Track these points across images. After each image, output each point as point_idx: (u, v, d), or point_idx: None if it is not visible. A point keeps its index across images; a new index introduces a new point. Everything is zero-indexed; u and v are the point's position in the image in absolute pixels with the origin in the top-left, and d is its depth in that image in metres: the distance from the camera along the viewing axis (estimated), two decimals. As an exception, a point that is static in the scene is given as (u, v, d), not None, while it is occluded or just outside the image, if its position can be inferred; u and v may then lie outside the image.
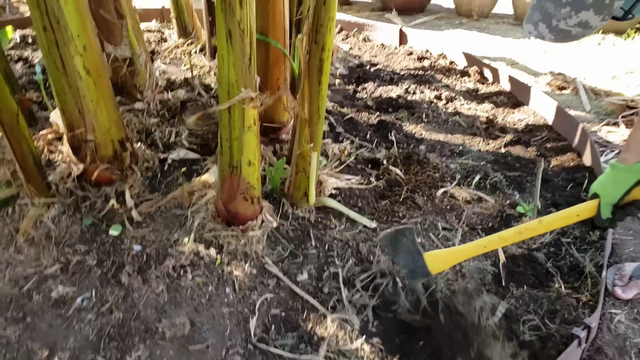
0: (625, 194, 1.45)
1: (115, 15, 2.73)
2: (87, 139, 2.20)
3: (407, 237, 1.74)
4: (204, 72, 3.67)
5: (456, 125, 3.24)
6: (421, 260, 1.71)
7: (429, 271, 1.72)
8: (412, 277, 1.75)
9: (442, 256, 1.74)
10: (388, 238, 1.78)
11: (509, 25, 5.17)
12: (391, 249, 1.80)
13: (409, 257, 1.74)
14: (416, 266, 1.72)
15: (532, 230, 1.61)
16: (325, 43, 1.79)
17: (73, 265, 1.97)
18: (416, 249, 1.72)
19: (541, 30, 1.12)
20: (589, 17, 1.03)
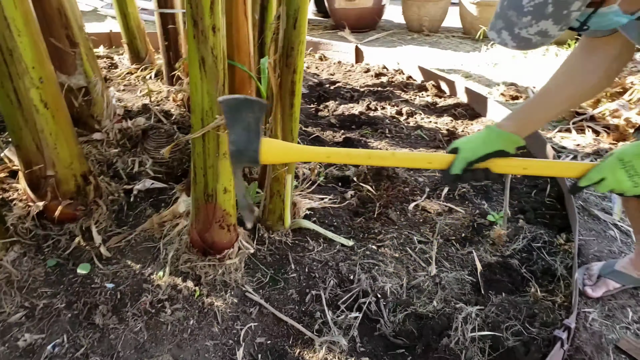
0: (485, 156, 1.40)
1: (67, 43, 2.64)
2: (46, 175, 2.10)
3: (254, 112, 1.39)
4: (162, 97, 3.59)
5: (419, 139, 3.29)
6: (256, 144, 1.40)
7: (258, 158, 1.42)
8: (237, 159, 1.44)
9: (279, 148, 1.48)
10: (231, 103, 1.40)
11: (458, 39, 5.35)
12: (230, 117, 1.42)
13: (244, 135, 1.40)
14: (248, 148, 1.41)
15: (382, 159, 1.48)
16: (297, 66, 1.79)
17: (39, 310, 1.85)
18: (256, 130, 1.41)
19: (504, 37, 1.16)
20: (548, 27, 1.08)
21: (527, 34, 1.11)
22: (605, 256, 2.18)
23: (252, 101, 1.39)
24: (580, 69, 1.51)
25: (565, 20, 1.07)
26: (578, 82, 1.51)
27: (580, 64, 1.51)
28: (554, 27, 1.08)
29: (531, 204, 2.50)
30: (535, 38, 1.11)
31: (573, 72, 1.52)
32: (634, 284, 1.97)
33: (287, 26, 1.73)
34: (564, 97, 1.52)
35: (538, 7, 1.06)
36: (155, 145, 2.72)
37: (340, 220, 2.40)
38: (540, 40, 1.12)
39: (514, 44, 1.15)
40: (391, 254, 2.21)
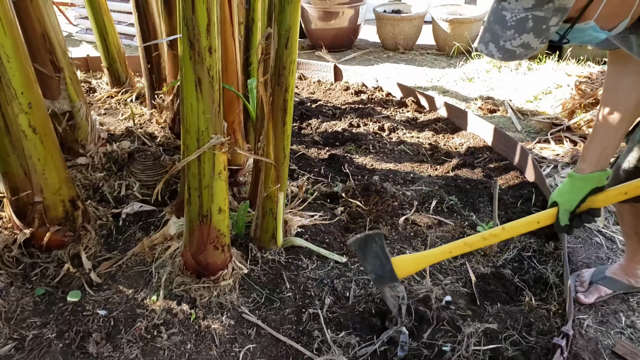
0: (582, 201, 1.57)
1: (51, 68, 2.61)
2: (34, 201, 2.06)
3: (377, 242, 1.72)
4: (144, 120, 3.56)
5: (403, 154, 3.33)
6: (389, 265, 1.71)
7: (396, 276, 1.73)
8: (380, 282, 1.76)
9: (409, 261, 1.76)
10: (357, 243, 1.76)
11: (433, 55, 5.45)
12: (360, 253, 1.78)
13: (377, 262, 1.73)
14: (384, 271, 1.72)
15: (495, 236, 1.69)
16: (289, 84, 1.80)
17: (29, 341, 1.80)
18: (384, 255, 1.72)
19: (491, 49, 1.24)
20: (529, 40, 1.16)
21: (511, 46, 1.19)
22: (593, 262, 2.23)
23: (373, 234, 1.73)
24: (619, 85, 1.57)
25: (545, 34, 1.15)
26: (626, 100, 1.56)
27: (616, 80, 1.58)
28: (536, 40, 1.16)
29: (518, 214, 2.54)
30: (518, 50, 1.19)
31: (615, 91, 1.58)
32: (625, 290, 2.02)
33: (278, 46, 1.74)
34: (620, 118, 1.57)
35: (520, 22, 1.14)
36: (142, 168, 2.69)
37: (332, 237, 2.40)
38: (523, 52, 1.20)
39: (500, 55, 1.23)
40: (385, 268, 2.22)
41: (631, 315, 1.95)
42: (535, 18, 1.12)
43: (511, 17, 1.16)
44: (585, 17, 1.16)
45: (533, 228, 1.70)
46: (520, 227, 1.70)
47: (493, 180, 2.88)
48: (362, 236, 1.75)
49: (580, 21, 1.17)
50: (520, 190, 2.79)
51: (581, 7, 1.13)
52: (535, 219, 1.67)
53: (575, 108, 3.47)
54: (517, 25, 1.15)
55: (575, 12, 1.14)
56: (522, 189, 2.79)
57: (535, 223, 1.67)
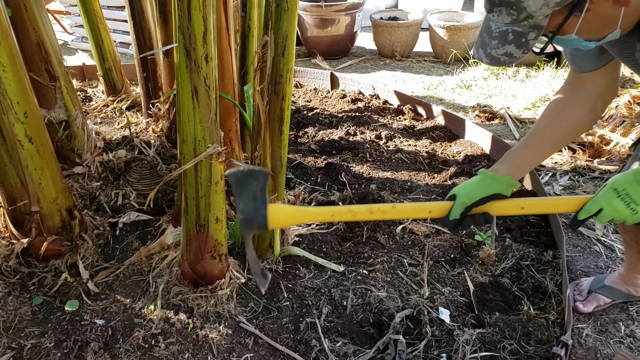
0: (482, 200, 1.42)
1: (46, 77, 2.61)
2: (31, 210, 2.05)
3: (259, 181, 1.45)
4: (141, 129, 3.56)
5: (400, 162, 3.34)
6: (263, 211, 1.45)
7: (266, 224, 1.46)
8: (247, 227, 1.48)
9: (286, 212, 1.51)
10: (237, 176, 1.46)
11: (430, 63, 5.47)
12: (237, 188, 1.48)
13: (251, 204, 1.45)
14: (256, 215, 1.45)
15: (383, 212, 1.49)
16: (286, 93, 1.81)
17: (27, 350, 1.79)
18: (263, 198, 1.45)
19: (480, 54, 1.31)
20: (512, 50, 1.24)
21: (496, 54, 1.26)
22: (592, 271, 2.23)
23: (257, 171, 1.45)
24: (567, 107, 1.57)
25: (525, 46, 1.22)
26: (565, 122, 1.56)
27: (566, 101, 1.58)
28: (518, 51, 1.24)
29: (516, 223, 2.55)
30: (503, 58, 1.27)
31: (560, 111, 1.58)
32: (624, 299, 2.01)
33: (275, 54, 1.75)
34: (553, 137, 1.57)
35: (502, 34, 1.23)
36: (138, 177, 2.68)
37: (329, 246, 2.39)
38: (507, 60, 1.27)
39: (487, 61, 1.30)
40: (383, 277, 2.21)
41: (630, 325, 1.95)
42: (515, 32, 1.20)
43: (496, 29, 1.24)
44: (564, 31, 1.20)
45: (423, 216, 1.54)
46: (410, 211, 1.56)
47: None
48: (245, 169, 1.46)
49: (560, 35, 1.21)
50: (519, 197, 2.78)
51: (557, 24, 1.17)
52: (429, 207, 1.51)
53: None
54: (500, 37, 1.23)
55: (552, 27, 1.19)
56: (520, 196, 2.79)
57: (427, 212, 1.52)
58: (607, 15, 1.17)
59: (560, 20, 1.16)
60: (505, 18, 1.17)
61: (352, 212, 1.50)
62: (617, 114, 3.23)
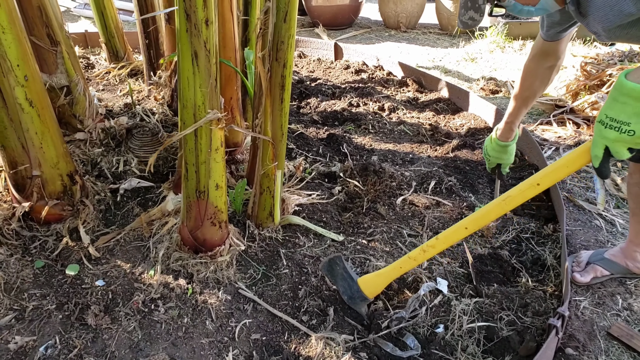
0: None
1: (47, 42, 2.58)
2: (32, 175, 2.06)
3: (339, 264, 1.82)
4: (143, 96, 3.54)
5: (402, 134, 3.32)
6: (356, 286, 1.79)
7: (365, 295, 1.79)
8: (353, 303, 1.82)
9: (372, 280, 1.80)
10: (326, 267, 1.86)
11: (435, 35, 5.40)
12: (331, 276, 1.87)
13: (345, 284, 1.82)
14: (352, 292, 1.80)
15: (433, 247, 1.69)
16: (287, 60, 1.78)
17: (29, 312, 1.81)
18: (349, 275, 1.81)
19: (458, 22, 1.72)
20: (472, 15, 1.62)
21: (464, 19, 1.65)
22: (592, 245, 2.23)
23: (333, 258, 1.82)
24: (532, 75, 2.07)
25: (480, 11, 1.60)
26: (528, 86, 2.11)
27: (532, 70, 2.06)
28: (476, 15, 1.61)
29: (517, 196, 2.54)
30: (470, 22, 1.64)
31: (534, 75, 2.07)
32: (622, 274, 2.02)
33: (277, 20, 1.72)
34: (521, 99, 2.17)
35: (464, 3, 1.62)
36: (139, 144, 2.68)
37: (329, 216, 2.40)
38: (472, 23, 1.64)
39: (461, 26, 1.69)
40: (382, 247, 2.22)
41: (628, 298, 1.96)
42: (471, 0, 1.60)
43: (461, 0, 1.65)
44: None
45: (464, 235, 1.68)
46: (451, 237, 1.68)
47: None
48: (326, 260, 1.84)
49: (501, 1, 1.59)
50: (521, 172, 2.78)
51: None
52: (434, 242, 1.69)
53: (580, 90, 3.44)
54: (463, 5, 1.63)
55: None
56: (523, 171, 2.78)
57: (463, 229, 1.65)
58: None
59: None
60: None
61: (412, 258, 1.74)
62: (624, 88, 3.19)
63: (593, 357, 1.73)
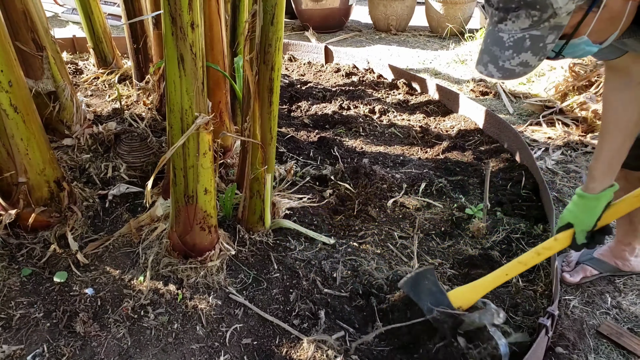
0: (597, 220, 1.58)
1: (33, 47, 2.56)
2: (18, 181, 2.04)
3: (429, 278, 1.70)
4: (132, 101, 3.52)
5: (393, 137, 3.32)
6: (446, 300, 1.68)
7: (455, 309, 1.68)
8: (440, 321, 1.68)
9: (465, 292, 1.72)
10: (409, 282, 1.73)
11: (425, 37, 5.42)
12: (413, 293, 1.73)
13: (432, 299, 1.69)
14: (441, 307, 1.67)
15: (548, 249, 1.68)
16: (275, 63, 1.78)
17: (17, 320, 1.79)
18: (439, 290, 1.70)
19: (490, 70, 1.27)
20: (527, 58, 1.21)
21: (510, 65, 1.23)
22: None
23: (423, 272, 1.70)
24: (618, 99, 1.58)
25: (542, 52, 1.20)
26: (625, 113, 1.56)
27: (615, 94, 1.59)
28: (534, 58, 1.21)
29: (508, 197, 2.55)
30: (517, 69, 1.23)
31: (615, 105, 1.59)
32: (611, 272, 2.03)
33: (264, 22, 1.71)
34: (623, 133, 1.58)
35: (517, 42, 1.19)
36: (128, 150, 2.66)
37: (320, 219, 2.39)
38: (522, 70, 1.24)
39: (500, 75, 1.26)
40: (373, 250, 2.22)
41: (617, 296, 1.96)
42: (533, 37, 1.17)
43: (508, 38, 1.20)
44: (579, 32, 1.19)
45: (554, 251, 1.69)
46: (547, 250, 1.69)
47: (485, 163, 2.87)
48: (413, 275, 1.71)
49: (574, 37, 1.20)
50: (511, 173, 2.78)
51: (575, 24, 1.16)
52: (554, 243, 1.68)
53: (568, 91, 3.47)
54: (514, 45, 1.20)
55: (570, 28, 1.17)
56: (513, 172, 2.79)
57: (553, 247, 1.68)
58: (616, 12, 1.18)
59: (578, 19, 1.15)
60: (524, 22, 1.15)
61: (522, 263, 1.68)
62: (612, 88, 3.21)
63: (583, 355, 1.73)
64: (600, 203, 1.58)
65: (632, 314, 1.89)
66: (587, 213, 1.60)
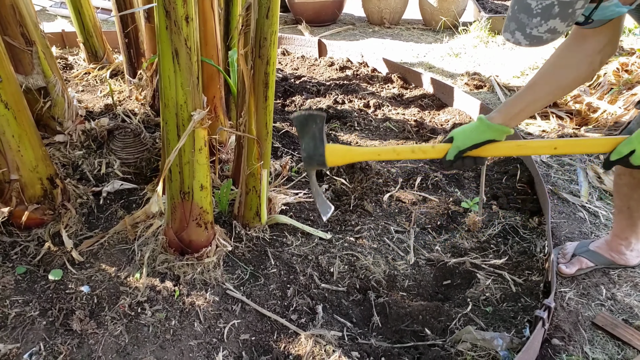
0: (474, 146, 1.57)
1: (22, 42, 2.52)
2: (10, 179, 2.01)
3: (317, 123, 1.66)
4: (124, 97, 3.49)
5: (388, 131, 3.31)
6: (321, 149, 1.66)
7: (325, 161, 1.67)
8: (309, 163, 1.70)
9: (341, 151, 1.69)
10: (299, 118, 1.68)
11: (419, 30, 5.40)
12: (300, 130, 1.70)
13: (311, 143, 1.67)
14: (315, 153, 1.67)
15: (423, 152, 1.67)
16: (270, 57, 1.76)
17: (12, 319, 1.78)
18: (320, 137, 1.67)
19: (517, 37, 1.28)
20: (556, 25, 1.21)
21: (537, 32, 1.24)
22: (576, 237, 2.25)
23: (315, 115, 1.65)
24: (566, 60, 1.58)
25: (572, 17, 1.19)
26: (562, 75, 1.58)
27: (567, 55, 1.58)
28: (562, 24, 1.21)
29: (503, 190, 2.55)
30: (545, 35, 1.24)
31: (559, 64, 1.59)
32: (606, 265, 2.03)
33: (259, 16, 1.69)
34: (548, 89, 1.59)
35: (545, 8, 1.19)
36: (122, 146, 2.63)
37: (316, 214, 2.39)
38: (550, 37, 1.25)
39: (527, 42, 1.27)
40: (369, 244, 2.22)
41: (612, 288, 1.98)
42: (561, 3, 1.17)
43: (537, 5, 1.20)
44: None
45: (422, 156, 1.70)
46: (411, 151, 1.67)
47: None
48: (306, 113, 1.67)
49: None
50: (506, 166, 2.79)
51: None
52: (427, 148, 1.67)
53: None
54: (543, 12, 1.20)
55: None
56: (508, 165, 2.79)
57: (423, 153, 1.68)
58: None
59: None
60: None
61: (397, 152, 1.66)
62: (605, 81, 3.22)
63: (578, 346, 1.74)
64: (488, 132, 1.56)
65: (626, 305, 1.91)
66: (470, 134, 1.59)
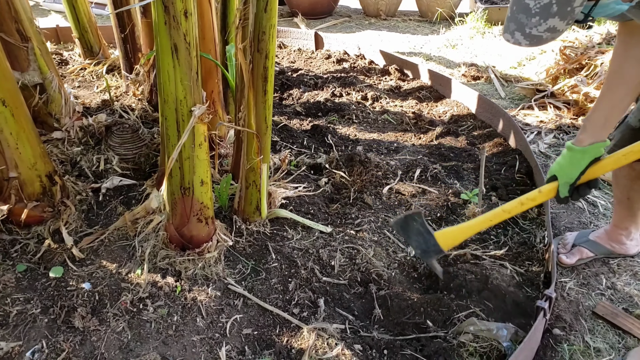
0: (581, 174, 1.57)
1: (18, 38, 2.50)
2: (9, 176, 2.00)
3: (417, 220, 1.77)
4: (121, 92, 3.47)
5: (386, 123, 3.31)
6: (432, 240, 1.73)
7: (441, 249, 1.74)
8: (426, 256, 1.77)
9: (451, 233, 1.77)
10: (399, 224, 1.80)
11: (415, 22, 5.39)
12: (403, 233, 1.82)
13: (420, 239, 1.76)
14: (428, 245, 1.74)
15: (532, 200, 1.69)
16: (269, 51, 1.75)
17: (14, 317, 1.77)
18: (426, 230, 1.75)
19: (517, 37, 1.27)
20: (555, 23, 1.20)
21: (537, 32, 1.23)
22: (575, 227, 2.26)
23: (411, 215, 1.77)
24: (627, 56, 1.54)
25: (571, 15, 1.18)
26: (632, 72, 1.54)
27: (624, 51, 1.55)
28: (561, 23, 1.20)
29: (502, 181, 2.55)
30: (545, 34, 1.23)
31: (623, 62, 1.56)
32: (606, 254, 2.05)
33: (257, 10, 1.68)
34: (623, 92, 1.56)
35: (544, 7, 1.18)
36: (120, 141, 2.62)
37: (316, 208, 2.39)
38: (550, 36, 1.24)
39: (527, 42, 1.26)
40: (370, 237, 2.22)
41: (612, 277, 1.99)
42: (559, 2, 1.16)
43: (535, 5, 1.19)
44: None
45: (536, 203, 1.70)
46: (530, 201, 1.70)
47: (480, 148, 2.88)
48: (402, 217, 1.79)
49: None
50: (504, 157, 2.79)
51: None
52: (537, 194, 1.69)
53: (560, 74, 3.47)
54: (541, 12, 1.19)
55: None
56: (506, 156, 2.80)
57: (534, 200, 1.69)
58: None
59: None
60: None
61: (507, 211, 1.70)
62: (602, 71, 3.22)
63: (579, 336, 1.76)
64: (585, 156, 1.56)
65: (626, 294, 1.92)
66: (571, 165, 1.58)
